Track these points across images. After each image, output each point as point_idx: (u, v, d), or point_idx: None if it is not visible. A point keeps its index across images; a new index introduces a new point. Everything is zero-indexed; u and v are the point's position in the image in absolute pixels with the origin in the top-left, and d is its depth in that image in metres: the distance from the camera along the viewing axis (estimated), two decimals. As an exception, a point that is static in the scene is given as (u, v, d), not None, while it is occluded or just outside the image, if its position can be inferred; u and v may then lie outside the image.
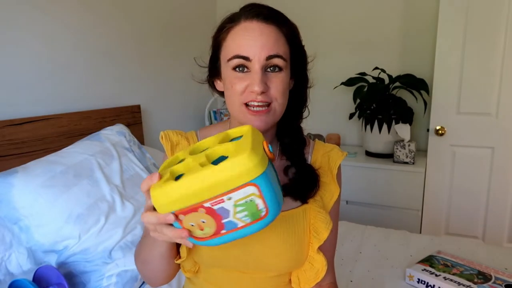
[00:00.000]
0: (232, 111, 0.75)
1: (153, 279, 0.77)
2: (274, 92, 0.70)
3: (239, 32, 0.71)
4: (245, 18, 0.71)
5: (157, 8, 2.16)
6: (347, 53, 2.52)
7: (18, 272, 1.08)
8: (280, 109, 0.73)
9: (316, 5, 2.55)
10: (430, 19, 2.25)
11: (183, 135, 0.83)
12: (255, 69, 0.69)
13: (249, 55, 0.69)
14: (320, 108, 2.65)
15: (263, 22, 0.70)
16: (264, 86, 0.69)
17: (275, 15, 0.73)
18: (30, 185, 1.14)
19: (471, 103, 2.02)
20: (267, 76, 0.70)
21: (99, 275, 1.14)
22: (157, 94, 2.19)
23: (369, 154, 2.33)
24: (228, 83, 0.73)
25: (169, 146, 0.80)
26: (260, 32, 0.69)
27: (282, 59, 0.70)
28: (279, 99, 0.71)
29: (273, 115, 0.72)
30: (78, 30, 1.68)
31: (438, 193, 2.15)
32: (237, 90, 0.70)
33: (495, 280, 1.18)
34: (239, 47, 0.70)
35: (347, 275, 1.33)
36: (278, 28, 0.71)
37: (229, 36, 0.72)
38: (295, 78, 0.78)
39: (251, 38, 0.69)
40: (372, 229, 1.72)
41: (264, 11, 0.72)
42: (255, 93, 0.69)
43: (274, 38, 0.70)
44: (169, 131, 0.82)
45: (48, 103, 1.56)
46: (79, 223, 1.15)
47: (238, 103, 0.71)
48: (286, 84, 0.73)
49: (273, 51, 0.69)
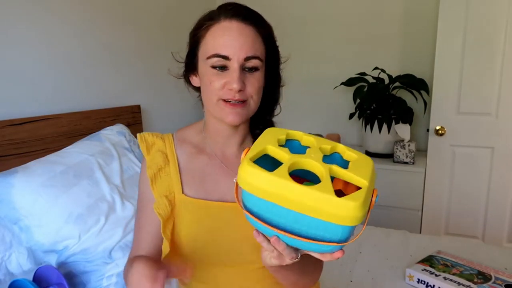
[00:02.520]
0: (209, 106, 0.78)
1: None
2: (250, 90, 0.74)
3: (219, 31, 0.73)
4: (224, 17, 0.73)
5: (157, 7, 2.16)
6: (347, 53, 2.52)
7: (18, 272, 1.08)
8: (254, 105, 0.77)
9: (316, 5, 2.55)
10: (430, 19, 2.25)
11: (159, 136, 0.87)
12: (233, 68, 0.72)
13: (229, 54, 0.72)
14: (320, 108, 2.65)
15: (242, 22, 0.73)
16: (242, 85, 0.72)
17: (253, 15, 0.76)
18: (30, 185, 1.14)
19: (471, 103, 2.02)
20: (244, 75, 0.74)
21: (99, 275, 1.14)
22: (157, 94, 2.19)
23: (369, 154, 2.33)
24: (206, 79, 0.75)
25: (145, 147, 0.84)
26: (239, 32, 0.72)
27: (259, 60, 0.74)
28: (254, 96, 0.76)
29: (248, 110, 0.76)
30: (78, 30, 1.68)
31: (438, 193, 2.15)
32: (215, 87, 0.73)
33: (495, 280, 1.18)
34: (218, 46, 0.72)
35: (347, 275, 1.33)
36: (256, 28, 0.75)
37: (208, 34, 0.75)
38: (269, 76, 0.81)
39: (231, 38, 0.72)
40: (372, 229, 1.72)
41: (243, 11, 0.74)
42: (233, 91, 0.72)
43: (252, 38, 0.73)
44: (145, 133, 0.87)
45: (48, 103, 1.56)
46: (79, 223, 1.15)
47: (216, 98, 0.74)
48: (261, 83, 0.77)
49: (251, 52, 0.73)
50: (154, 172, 0.82)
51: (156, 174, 0.81)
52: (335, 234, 0.51)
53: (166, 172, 0.82)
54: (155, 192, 0.80)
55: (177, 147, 0.85)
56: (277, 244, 0.54)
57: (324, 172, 0.52)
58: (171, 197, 0.80)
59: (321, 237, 0.52)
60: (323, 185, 0.50)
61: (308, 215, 0.50)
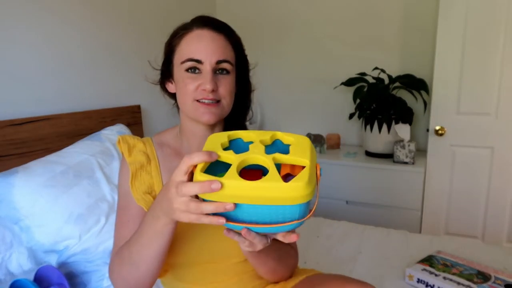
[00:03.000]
0: (184, 108, 0.83)
1: (140, 284, 0.75)
2: (222, 91, 0.81)
3: (193, 38, 0.80)
4: (197, 26, 0.81)
5: (157, 8, 2.16)
6: (347, 53, 2.52)
7: (19, 272, 1.08)
8: (227, 107, 0.83)
9: (316, 5, 2.55)
10: (430, 19, 2.25)
11: (139, 139, 0.91)
12: (206, 70, 0.79)
13: (202, 58, 0.79)
14: (320, 108, 2.65)
15: (213, 31, 0.81)
16: (214, 85, 0.79)
17: (224, 26, 0.84)
18: (31, 185, 1.14)
19: (471, 103, 2.02)
20: (216, 77, 0.80)
21: (100, 275, 1.14)
22: (157, 94, 2.18)
23: (369, 154, 2.33)
24: (181, 82, 0.81)
25: (127, 148, 0.87)
26: (212, 39, 0.80)
27: (229, 63, 0.81)
28: (227, 97, 0.82)
29: (222, 110, 0.82)
30: (78, 30, 1.68)
31: (438, 193, 2.15)
32: (189, 88, 0.80)
33: (495, 280, 1.18)
34: (192, 51, 0.79)
35: (347, 275, 1.33)
36: (227, 37, 0.82)
37: (182, 41, 0.81)
38: (239, 83, 0.88)
39: (204, 43, 0.79)
40: (372, 229, 1.72)
41: (215, 21, 0.83)
42: (206, 91, 0.78)
43: (223, 45, 0.81)
44: (125, 136, 0.90)
45: (48, 103, 1.56)
46: (80, 223, 1.15)
47: (190, 99, 0.80)
48: (232, 86, 0.83)
49: (223, 56, 0.80)
50: (136, 167, 0.85)
51: (138, 170, 0.85)
52: (294, 213, 0.57)
53: (147, 170, 0.86)
54: (133, 188, 0.83)
55: (156, 149, 0.90)
56: (248, 235, 0.59)
57: (269, 162, 0.57)
58: (153, 195, 0.84)
59: (283, 219, 0.58)
60: (270, 175, 0.55)
61: (265, 204, 0.55)
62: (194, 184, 0.55)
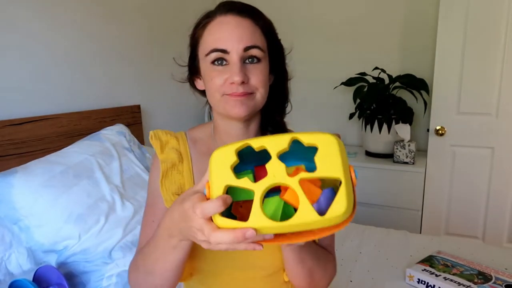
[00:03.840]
0: (213, 104, 0.75)
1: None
2: (254, 82, 0.71)
3: (215, 26, 0.71)
4: (220, 13, 0.72)
5: (157, 7, 2.16)
6: (347, 53, 2.52)
7: (18, 272, 1.08)
8: (261, 99, 0.73)
9: (316, 5, 2.55)
10: (430, 19, 2.25)
11: (172, 134, 0.83)
12: (233, 61, 0.69)
13: (227, 47, 0.69)
14: (320, 108, 2.65)
15: (238, 16, 0.71)
16: (244, 76, 0.69)
17: (250, 9, 0.73)
18: (30, 185, 1.14)
19: (471, 103, 2.02)
20: (246, 68, 0.70)
21: (99, 275, 1.14)
22: (157, 94, 2.19)
23: (369, 154, 2.33)
24: (208, 77, 0.73)
25: (159, 145, 0.80)
26: (236, 24, 0.70)
27: (259, 49, 0.71)
28: (260, 89, 0.72)
29: (255, 102, 0.72)
30: (78, 30, 1.68)
31: (438, 193, 2.15)
32: (216, 83, 0.70)
33: (495, 280, 1.18)
34: (216, 41, 0.70)
35: (347, 275, 1.33)
36: (254, 21, 0.72)
37: (205, 32, 0.73)
38: (274, 72, 0.78)
39: (228, 30, 0.69)
40: (372, 229, 1.72)
41: (239, 5, 0.72)
42: (235, 84, 0.69)
43: (250, 30, 0.70)
44: (158, 131, 0.82)
45: (48, 103, 1.56)
46: (79, 223, 1.15)
47: (219, 94, 0.71)
48: (265, 75, 0.73)
49: (251, 42, 0.69)
50: (167, 166, 0.79)
51: (169, 169, 0.79)
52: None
53: (179, 170, 0.80)
54: (163, 188, 0.78)
55: (190, 147, 0.83)
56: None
57: (295, 187, 0.47)
58: None
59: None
60: (301, 209, 0.46)
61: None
62: (226, 233, 0.47)
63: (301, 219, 0.46)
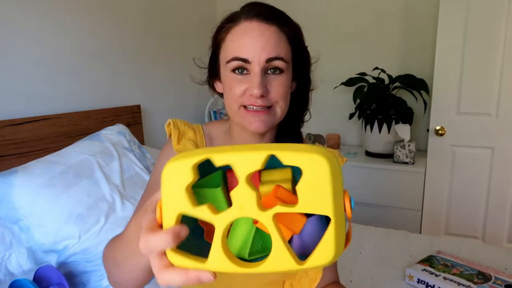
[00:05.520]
0: (230, 113, 0.73)
1: (123, 285, 0.61)
2: (274, 95, 0.68)
3: (239, 33, 0.68)
4: (245, 18, 0.68)
5: (156, 8, 2.16)
6: (347, 53, 2.52)
7: (18, 272, 1.08)
8: (281, 112, 0.71)
9: (316, 5, 2.55)
10: (430, 19, 2.25)
11: (190, 126, 0.80)
12: (254, 72, 0.66)
13: (249, 57, 0.66)
14: (320, 108, 2.65)
15: (263, 22, 0.67)
16: (264, 90, 0.66)
17: (277, 15, 0.69)
18: (30, 185, 1.14)
19: (471, 103, 2.02)
20: (267, 79, 0.68)
21: (99, 275, 1.14)
22: (157, 94, 2.19)
23: (369, 154, 2.33)
24: (227, 85, 0.70)
25: (176, 134, 0.76)
26: (261, 32, 0.66)
27: (283, 61, 0.68)
28: (280, 102, 0.69)
29: (274, 117, 0.70)
30: (77, 30, 1.68)
31: (438, 193, 2.15)
32: (235, 93, 0.68)
33: (495, 280, 1.18)
34: (238, 49, 0.67)
35: (347, 275, 1.33)
36: (280, 28, 0.68)
37: (228, 37, 0.69)
38: (298, 80, 0.76)
39: (251, 39, 0.66)
40: (372, 229, 1.72)
41: (265, 11, 0.68)
42: (254, 97, 0.67)
43: (275, 39, 0.67)
44: (176, 120, 0.79)
45: (48, 103, 1.56)
46: (79, 223, 1.15)
47: (237, 105, 0.69)
48: (287, 87, 0.70)
49: (274, 53, 0.66)
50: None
51: None
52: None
53: None
54: None
55: (206, 142, 0.80)
56: None
57: (269, 224, 0.35)
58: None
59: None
60: (275, 251, 0.35)
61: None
62: (177, 274, 0.36)
63: (273, 266, 0.36)
